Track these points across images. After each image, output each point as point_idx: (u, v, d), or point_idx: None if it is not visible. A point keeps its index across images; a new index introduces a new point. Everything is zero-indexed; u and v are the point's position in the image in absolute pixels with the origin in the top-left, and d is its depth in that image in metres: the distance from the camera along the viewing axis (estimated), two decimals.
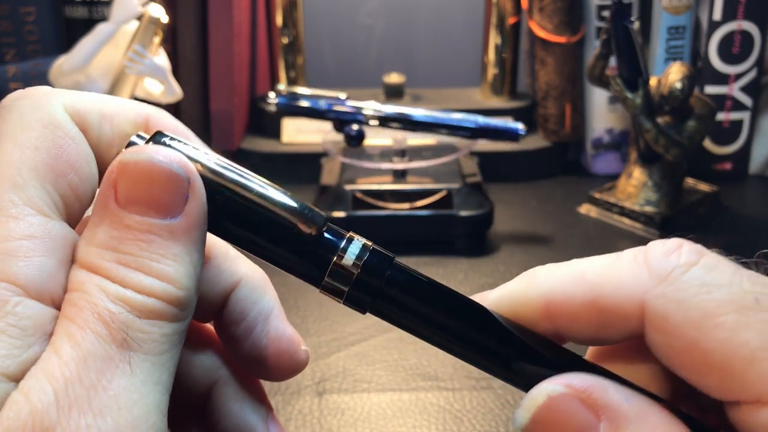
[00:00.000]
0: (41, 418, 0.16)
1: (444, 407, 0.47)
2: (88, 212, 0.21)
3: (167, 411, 0.18)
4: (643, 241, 0.69)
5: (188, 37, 0.79)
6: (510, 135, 0.66)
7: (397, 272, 0.21)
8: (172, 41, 0.79)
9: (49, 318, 0.18)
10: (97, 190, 0.20)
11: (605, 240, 0.69)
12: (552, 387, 0.19)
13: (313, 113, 0.68)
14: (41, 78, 0.75)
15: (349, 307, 0.22)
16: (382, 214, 0.66)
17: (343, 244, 0.21)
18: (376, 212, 0.66)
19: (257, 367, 0.24)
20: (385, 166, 0.70)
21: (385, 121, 0.68)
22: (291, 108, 0.68)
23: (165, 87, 0.67)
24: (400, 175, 0.70)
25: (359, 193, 0.68)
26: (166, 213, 0.19)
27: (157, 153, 0.19)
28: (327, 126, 0.83)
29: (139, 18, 0.64)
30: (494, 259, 0.66)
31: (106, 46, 0.64)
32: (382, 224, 0.66)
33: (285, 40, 0.85)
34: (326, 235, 0.21)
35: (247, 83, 0.88)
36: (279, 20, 0.85)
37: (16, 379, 0.17)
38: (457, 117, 0.67)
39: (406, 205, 0.68)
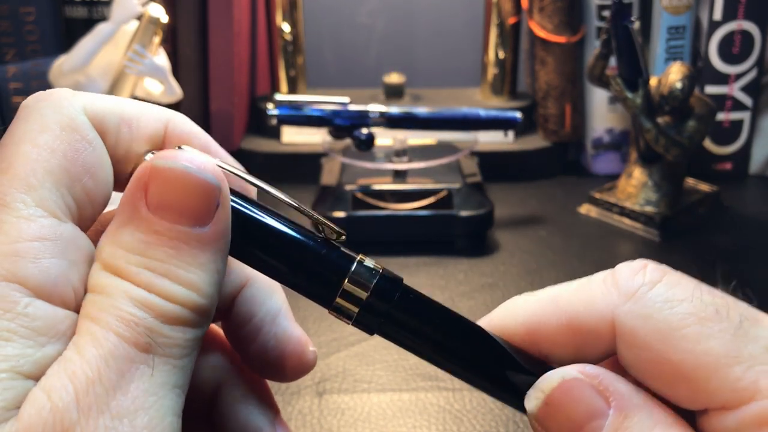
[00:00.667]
0: (62, 417, 0.16)
1: (444, 407, 0.47)
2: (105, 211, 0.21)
3: (182, 413, 0.18)
4: (643, 241, 0.69)
5: (188, 37, 0.79)
6: (509, 123, 0.68)
7: (406, 296, 0.22)
8: (172, 41, 0.79)
9: (60, 318, 0.18)
10: (112, 192, 0.20)
11: (605, 240, 0.69)
12: (566, 371, 0.20)
13: (316, 122, 0.67)
14: (41, 78, 0.75)
15: (357, 329, 0.22)
16: (382, 214, 0.66)
17: (353, 267, 0.21)
18: (376, 212, 0.66)
19: (265, 368, 0.24)
20: (385, 166, 0.70)
21: (391, 122, 0.68)
22: (293, 119, 0.67)
23: (165, 87, 0.67)
24: (400, 175, 0.70)
25: (359, 193, 0.68)
26: (196, 221, 0.19)
27: (192, 161, 0.19)
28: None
29: (139, 18, 0.64)
30: (494, 259, 0.66)
31: (106, 46, 0.64)
32: (382, 224, 0.66)
33: (288, 37, 0.85)
34: (336, 256, 0.21)
35: (247, 83, 0.88)
36: (279, 20, 0.85)
37: (33, 377, 0.17)
38: (460, 111, 0.69)
39: (406, 205, 0.67)
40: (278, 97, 0.65)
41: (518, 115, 0.69)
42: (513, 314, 0.22)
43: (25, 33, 0.76)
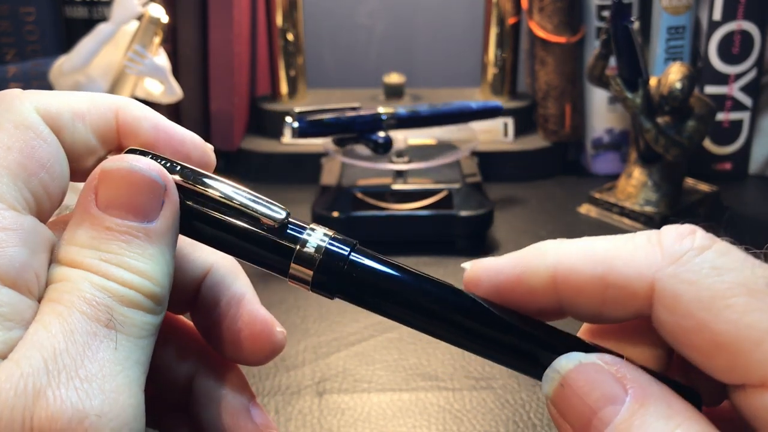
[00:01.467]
0: (32, 381, 0.17)
1: (444, 407, 0.47)
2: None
3: (144, 389, 0.19)
4: None
5: (188, 37, 0.79)
6: (495, 111, 0.73)
7: (359, 255, 0.22)
8: (172, 41, 0.79)
9: (25, 306, 0.19)
10: (69, 189, 0.22)
11: None
12: (584, 355, 0.20)
13: (337, 130, 0.67)
14: (41, 78, 0.75)
15: (317, 293, 0.23)
16: (382, 214, 0.66)
17: (305, 234, 0.22)
18: (376, 212, 0.66)
19: (235, 352, 0.25)
20: (385, 166, 0.70)
21: (400, 122, 0.68)
22: (313, 130, 0.66)
23: (165, 87, 0.67)
24: (400, 176, 0.70)
25: (359, 193, 0.68)
26: (144, 217, 0.20)
27: (138, 161, 0.21)
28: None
29: (139, 18, 0.64)
30: None
31: (106, 46, 0.64)
32: (382, 224, 0.66)
33: (288, 38, 0.85)
34: (290, 227, 0.22)
35: (247, 83, 0.88)
36: (279, 20, 0.85)
37: (2, 356, 0.18)
38: (455, 105, 0.71)
39: (406, 205, 0.67)
40: (296, 108, 0.65)
41: (500, 103, 0.74)
42: (542, 255, 0.21)
43: (25, 33, 0.76)
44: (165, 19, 0.64)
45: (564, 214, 0.75)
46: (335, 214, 0.66)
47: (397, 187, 0.69)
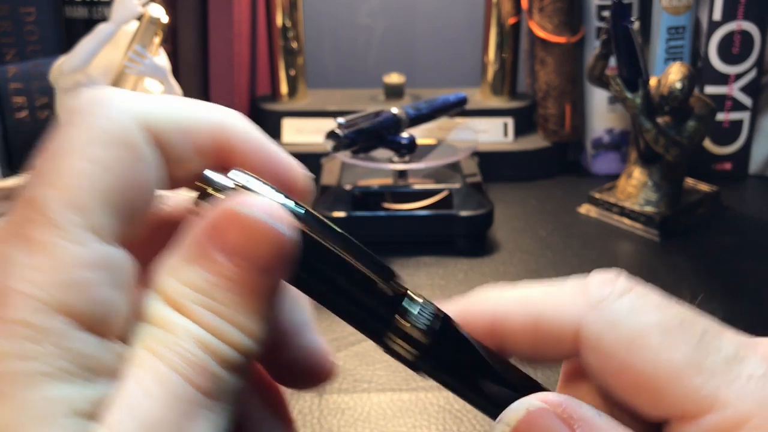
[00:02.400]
0: None
1: (444, 407, 0.47)
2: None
3: None
4: (643, 241, 0.69)
5: (188, 37, 0.79)
6: (461, 102, 0.77)
7: (450, 333, 0.22)
8: (172, 41, 0.79)
9: (109, 353, 0.17)
10: (183, 220, 0.19)
11: (605, 240, 0.69)
12: (530, 401, 0.20)
13: (370, 136, 0.66)
14: (41, 78, 0.75)
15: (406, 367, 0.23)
16: (382, 214, 0.66)
17: (410, 306, 0.22)
18: (376, 212, 0.66)
19: (290, 378, 0.24)
20: (386, 166, 0.70)
21: (412, 121, 0.70)
22: (355, 139, 0.65)
23: (165, 87, 0.67)
24: (400, 176, 0.70)
25: (359, 193, 0.68)
26: (267, 273, 0.18)
27: (271, 212, 0.18)
28: (327, 126, 0.83)
29: (139, 18, 0.64)
30: (494, 259, 0.66)
31: (106, 46, 0.64)
32: (382, 224, 0.66)
33: (288, 38, 0.85)
34: (400, 297, 0.21)
35: (247, 83, 0.88)
36: (279, 20, 0.85)
37: (90, 415, 0.16)
38: (442, 98, 0.75)
39: (406, 205, 0.67)
40: (339, 120, 0.63)
41: (464, 95, 0.78)
42: (481, 304, 0.23)
43: (25, 33, 0.76)
44: (165, 19, 0.64)
45: (564, 214, 0.75)
46: (335, 214, 0.66)
47: (397, 187, 0.69)
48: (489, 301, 0.23)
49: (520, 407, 0.20)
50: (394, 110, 0.68)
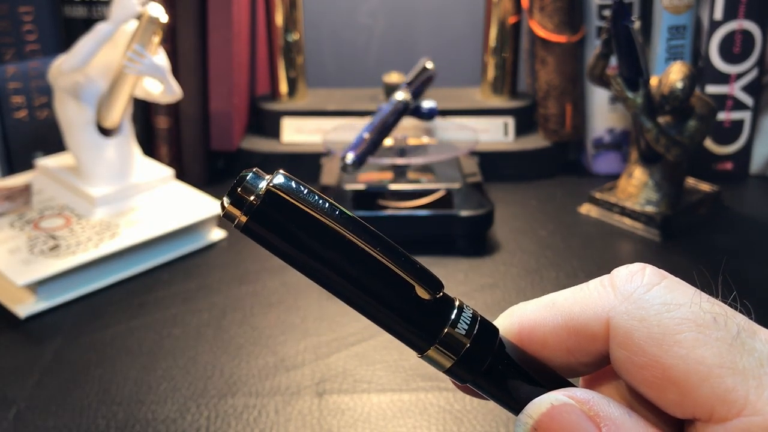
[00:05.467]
0: None
1: (444, 408, 0.47)
2: None
3: None
4: (643, 241, 0.69)
5: (188, 37, 0.79)
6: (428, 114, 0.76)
7: (501, 351, 0.22)
8: (171, 41, 0.79)
9: None
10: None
11: (605, 240, 0.69)
12: (555, 396, 0.20)
13: (380, 138, 0.68)
14: (40, 78, 0.75)
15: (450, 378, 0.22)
16: (382, 214, 0.66)
17: (454, 314, 0.21)
18: (376, 212, 0.66)
19: None
20: (385, 161, 0.70)
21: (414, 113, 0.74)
22: (365, 156, 0.66)
23: (164, 87, 0.66)
24: (400, 175, 0.70)
25: (359, 193, 0.68)
26: None
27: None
28: (327, 126, 0.83)
29: (139, 17, 0.64)
30: (494, 259, 0.66)
31: (105, 45, 0.64)
32: (382, 224, 0.66)
33: (288, 38, 0.85)
34: (437, 302, 0.21)
35: (247, 83, 0.87)
36: (279, 20, 0.85)
37: None
38: (430, 104, 0.76)
39: (406, 205, 0.67)
40: (347, 160, 0.65)
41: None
42: (508, 318, 0.22)
43: (24, 33, 0.75)
44: (164, 18, 0.64)
45: (564, 214, 0.75)
46: None
47: (397, 186, 0.68)
48: (513, 316, 0.22)
49: (545, 401, 0.20)
50: (399, 96, 0.70)
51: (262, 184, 0.20)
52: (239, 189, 0.20)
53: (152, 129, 0.80)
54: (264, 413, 0.47)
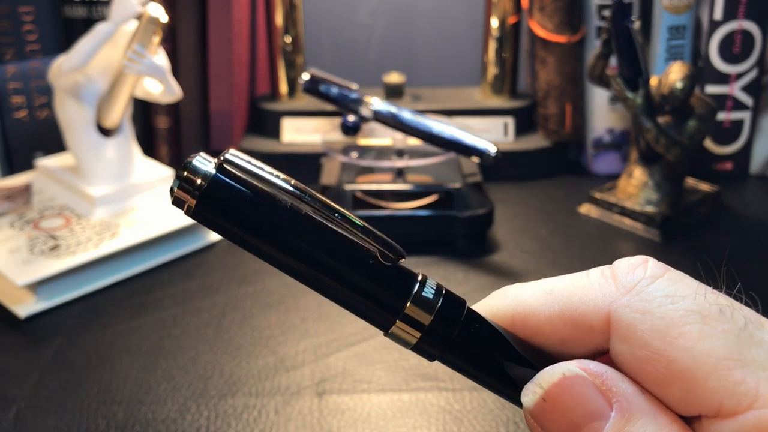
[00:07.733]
0: None
1: (444, 408, 0.47)
2: None
3: None
4: (643, 241, 0.69)
5: (188, 37, 0.79)
6: (478, 153, 0.65)
7: (470, 321, 0.21)
8: (171, 41, 0.79)
9: None
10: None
11: (605, 240, 0.69)
12: (568, 367, 0.19)
13: (327, 99, 0.72)
14: (40, 78, 0.75)
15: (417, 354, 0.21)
16: (382, 214, 0.66)
17: (416, 288, 0.21)
18: (376, 212, 0.66)
19: None
20: (385, 164, 0.70)
21: (380, 119, 0.69)
22: (314, 91, 0.72)
23: (164, 87, 0.66)
24: (400, 175, 0.70)
25: (359, 193, 0.68)
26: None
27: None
28: (326, 125, 0.83)
29: (139, 17, 0.64)
30: (494, 259, 0.66)
31: (105, 45, 0.64)
32: (382, 224, 0.66)
33: (288, 38, 0.85)
34: (398, 273, 0.21)
35: (247, 83, 0.87)
36: (279, 20, 0.85)
37: None
38: (437, 127, 0.67)
39: (406, 205, 0.67)
40: (312, 71, 0.71)
41: (492, 149, 0.64)
42: (502, 299, 0.21)
43: (24, 33, 0.75)
44: (164, 18, 0.64)
45: (564, 214, 0.75)
46: None
47: (397, 186, 0.68)
48: (507, 298, 0.21)
49: (556, 371, 0.19)
50: (371, 100, 0.71)
51: (209, 167, 0.20)
52: (186, 173, 0.20)
53: (152, 129, 0.80)
54: (264, 413, 0.47)
